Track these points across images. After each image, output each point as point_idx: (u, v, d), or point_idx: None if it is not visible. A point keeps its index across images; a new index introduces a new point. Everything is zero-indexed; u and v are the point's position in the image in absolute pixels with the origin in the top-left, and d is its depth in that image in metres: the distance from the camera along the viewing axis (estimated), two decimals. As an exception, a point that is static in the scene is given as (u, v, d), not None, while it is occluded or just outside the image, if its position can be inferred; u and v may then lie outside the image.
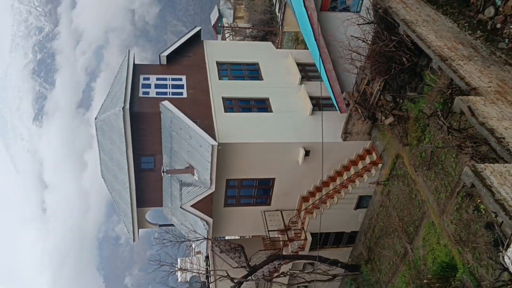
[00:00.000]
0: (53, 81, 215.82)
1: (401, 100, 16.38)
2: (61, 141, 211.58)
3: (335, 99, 18.17)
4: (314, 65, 21.67)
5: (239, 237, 29.61)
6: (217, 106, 19.48)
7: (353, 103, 17.59)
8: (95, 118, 19.52)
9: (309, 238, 20.31)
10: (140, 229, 22.45)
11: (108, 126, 19.08)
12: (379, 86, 16.14)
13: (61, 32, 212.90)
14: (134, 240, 22.47)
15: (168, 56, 21.80)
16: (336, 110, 19.05)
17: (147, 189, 20.79)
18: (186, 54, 22.55)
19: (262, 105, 20.08)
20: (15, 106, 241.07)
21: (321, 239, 21.25)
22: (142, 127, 18.96)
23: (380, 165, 18.72)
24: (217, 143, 17.30)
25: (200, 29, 23.75)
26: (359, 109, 17.39)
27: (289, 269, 21.42)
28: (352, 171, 19.40)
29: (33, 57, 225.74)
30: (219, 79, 21.22)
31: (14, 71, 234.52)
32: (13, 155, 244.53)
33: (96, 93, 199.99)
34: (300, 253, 20.50)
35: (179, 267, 23.93)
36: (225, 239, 24.03)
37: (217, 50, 23.48)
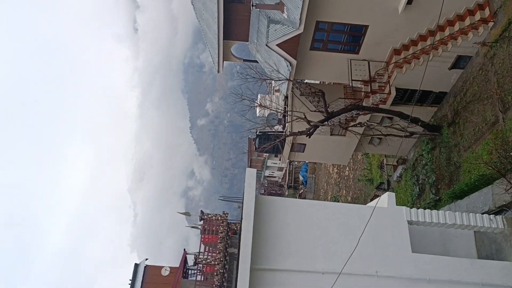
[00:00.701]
0: None
1: None
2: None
3: None
4: None
5: (319, 82, 29.43)
6: None
7: None
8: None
9: (393, 92, 19.63)
10: (224, 61, 22.84)
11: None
12: None
13: None
14: (218, 71, 23.07)
15: None
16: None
17: (235, 21, 20.43)
18: None
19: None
20: None
21: (406, 95, 20.50)
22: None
23: (491, 24, 16.63)
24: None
25: None
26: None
27: (367, 121, 21.36)
28: (457, 27, 17.49)
29: None
30: None
31: None
32: None
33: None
34: (380, 106, 20.11)
35: (258, 103, 24.73)
36: (306, 83, 23.96)
37: None
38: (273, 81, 23.15)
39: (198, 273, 19.73)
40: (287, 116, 22.38)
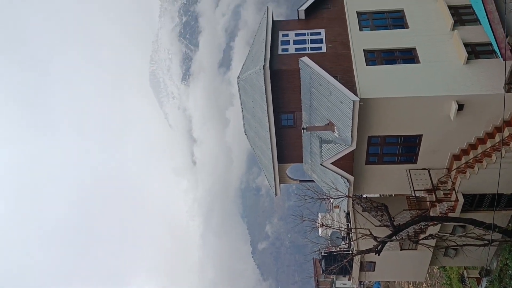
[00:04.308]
0: (197, 43, 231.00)
1: None
2: (206, 99, 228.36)
3: (497, 45, 15.83)
4: (469, 6, 19.25)
5: (379, 195, 28.75)
6: (358, 59, 18.52)
7: (520, 48, 15.14)
8: (238, 78, 20.09)
9: (461, 199, 18.69)
10: (281, 184, 23.07)
11: (250, 84, 19.53)
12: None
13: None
14: (276, 195, 23.22)
15: (306, 10, 21.25)
16: (497, 58, 16.67)
17: (287, 145, 21.07)
18: (325, 6, 21.69)
19: (408, 55, 18.53)
20: (166, 67, 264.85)
21: (475, 201, 19.42)
22: (282, 85, 19.00)
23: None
24: (358, 99, 16.57)
25: (339, -22, 22.48)
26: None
27: (438, 232, 20.13)
28: (516, 126, 17.03)
29: (179, 21, 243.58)
30: (360, 30, 20.04)
31: (163, 35, 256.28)
32: (166, 112, 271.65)
33: (235, 52, 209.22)
34: (450, 215, 19.05)
35: (320, 223, 24.21)
36: (366, 197, 23.47)
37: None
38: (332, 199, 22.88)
39: None
40: (351, 233, 21.58)
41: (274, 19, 21.73)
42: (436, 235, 20.07)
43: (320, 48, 19.70)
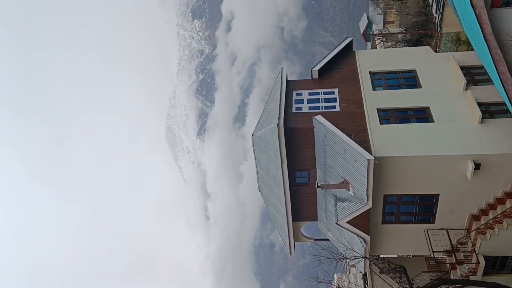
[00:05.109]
0: (213, 99, 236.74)
1: None
2: (220, 154, 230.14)
3: (511, 105, 15.85)
4: (481, 67, 19.51)
5: (397, 256, 27.86)
6: (372, 118, 18.68)
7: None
8: (252, 135, 20.32)
9: (482, 261, 17.97)
10: (295, 242, 22.61)
11: (264, 142, 19.70)
12: None
13: (219, 54, 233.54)
14: (290, 253, 22.71)
15: (319, 70, 21.76)
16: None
17: (302, 203, 20.86)
18: (338, 66, 22.22)
19: (421, 114, 18.65)
20: (182, 122, 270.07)
21: (497, 263, 18.68)
22: (296, 142, 19.13)
23: None
24: (373, 157, 16.54)
25: (352, 40, 23.23)
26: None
27: (458, 295, 19.23)
28: (535, 186, 16.68)
29: (196, 78, 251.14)
30: (373, 89, 20.38)
31: (181, 91, 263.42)
32: (181, 166, 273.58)
33: (249, 108, 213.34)
34: (471, 278, 18.27)
35: (335, 284, 23.42)
36: (383, 258, 22.77)
37: (370, 59, 22.64)
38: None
39: None
40: (368, 296, 20.77)
41: (288, 79, 22.25)
42: (458, 299, 19.15)
43: (334, 107, 19.97)
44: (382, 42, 48.51)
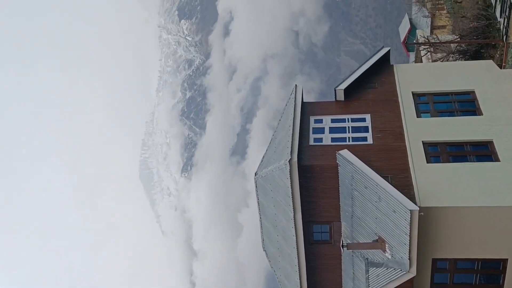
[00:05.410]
0: (203, 124, 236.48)
1: None
2: (212, 198, 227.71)
3: None
4: None
5: None
6: (415, 154, 18.74)
7: None
8: (255, 174, 20.35)
9: None
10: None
11: (271, 184, 19.70)
12: None
13: (213, 65, 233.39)
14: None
15: (346, 90, 21.94)
16: None
17: (321, 267, 20.74)
18: (371, 85, 22.48)
19: (482, 151, 18.75)
20: (162, 154, 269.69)
21: None
22: (314, 185, 19.17)
23: None
24: (418, 208, 16.46)
25: (389, 50, 23.52)
26: None
27: None
28: None
29: (181, 96, 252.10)
30: (418, 116, 20.53)
31: (161, 113, 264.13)
32: (159, 213, 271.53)
33: (252, 137, 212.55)
34: None
35: None
36: None
37: (413, 76, 22.93)
38: None
39: None
40: None
41: (304, 100, 22.44)
42: None
43: (365, 139, 20.05)
44: (429, 54, 49.09)
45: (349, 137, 20.32)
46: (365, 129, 20.52)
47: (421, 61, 51.10)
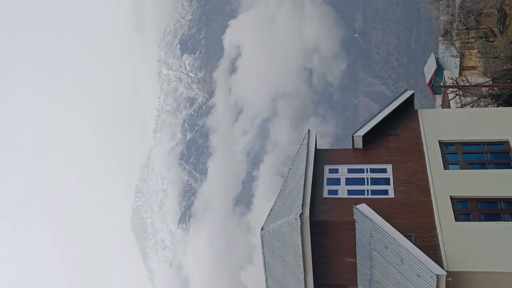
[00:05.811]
0: (204, 169, 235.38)
1: None
2: (212, 253, 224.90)
3: None
4: None
5: None
6: (442, 211, 18.66)
7: None
8: (262, 228, 20.26)
9: None
10: None
11: (280, 240, 19.58)
12: None
13: (217, 104, 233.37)
14: None
15: (365, 136, 21.99)
16: None
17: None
18: (393, 132, 22.53)
19: (518, 209, 18.58)
20: (157, 202, 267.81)
21: None
22: (328, 244, 19.10)
23: None
24: (445, 272, 16.31)
25: (413, 93, 23.64)
26: None
27: None
28: None
29: (181, 138, 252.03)
30: (445, 168, 20.50)
31: (158, 157, 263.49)
32: (152, 269, 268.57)
33: (259, 185, 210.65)
34: None
35: None
36: None
37: (440, 123, 22.98)
38: None
39: None
40: None
41: (317, 146, 22.50)
42: None
43: (386, 192, 20.00)
44: (458, 97, 49.28)
45: (367, 190, 20.27)
46: (386, 181, 20.48)
47: (449, 106, 51.22)
